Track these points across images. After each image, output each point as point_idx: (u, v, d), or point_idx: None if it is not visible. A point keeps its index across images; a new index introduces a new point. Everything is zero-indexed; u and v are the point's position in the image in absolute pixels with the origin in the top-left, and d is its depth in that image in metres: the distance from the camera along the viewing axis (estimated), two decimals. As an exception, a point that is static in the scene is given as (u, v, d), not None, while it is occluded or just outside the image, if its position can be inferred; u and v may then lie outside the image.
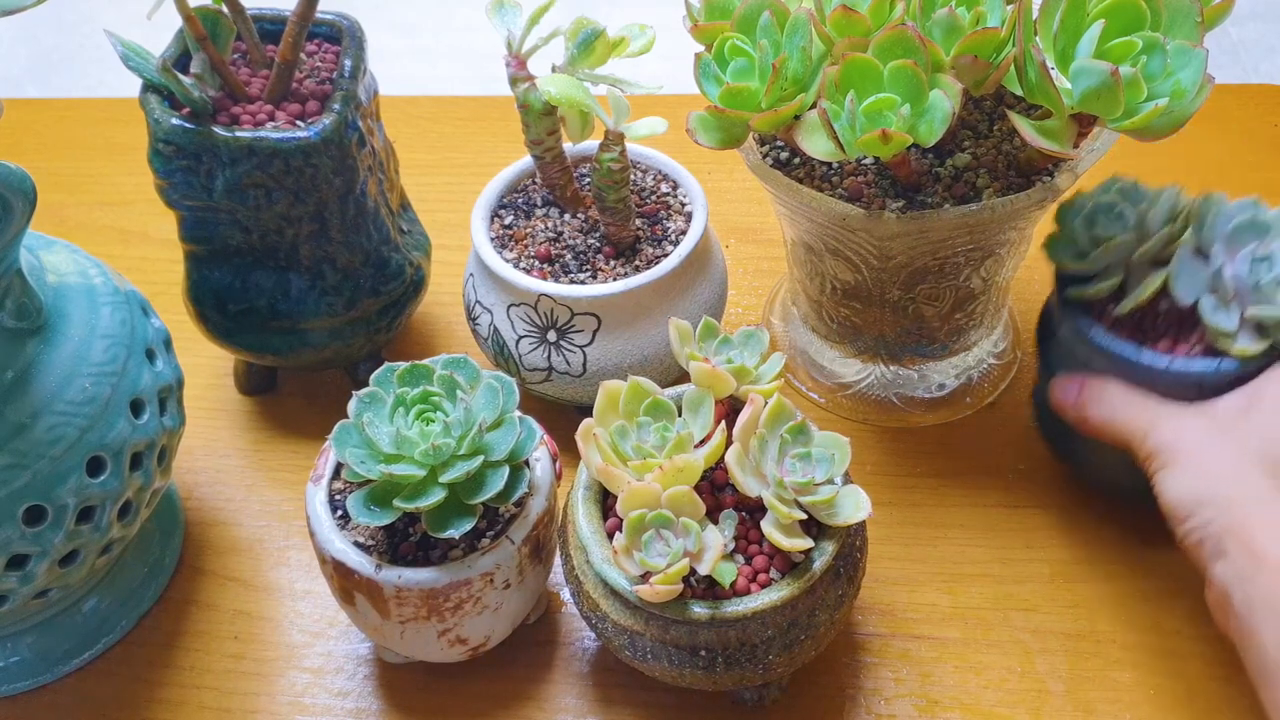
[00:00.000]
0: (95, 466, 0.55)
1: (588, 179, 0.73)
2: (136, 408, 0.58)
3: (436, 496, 0.53)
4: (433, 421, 0.54)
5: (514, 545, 0.56)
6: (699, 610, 0.52)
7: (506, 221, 0.71)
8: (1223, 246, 0.57)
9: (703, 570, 0.51)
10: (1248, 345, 0.56)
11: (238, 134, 0.62)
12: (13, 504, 0.53)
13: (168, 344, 0.63)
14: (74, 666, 0.64)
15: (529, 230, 0.70)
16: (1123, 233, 0.59)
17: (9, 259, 0.52)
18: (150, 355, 0.60)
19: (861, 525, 0.58)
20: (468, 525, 0.54)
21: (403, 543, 0.57)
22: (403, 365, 0.56)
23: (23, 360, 0.54)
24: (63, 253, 0.60)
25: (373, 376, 0.56)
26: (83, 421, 0.55)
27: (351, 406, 0.55)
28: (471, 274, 0.71)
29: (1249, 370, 0.57)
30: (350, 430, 0.55)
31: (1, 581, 0.55)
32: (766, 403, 0.54)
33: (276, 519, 0.71)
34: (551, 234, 0.70)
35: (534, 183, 0.74)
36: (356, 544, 0.56)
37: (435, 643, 0.58)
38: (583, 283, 0.67)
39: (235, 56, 0.69)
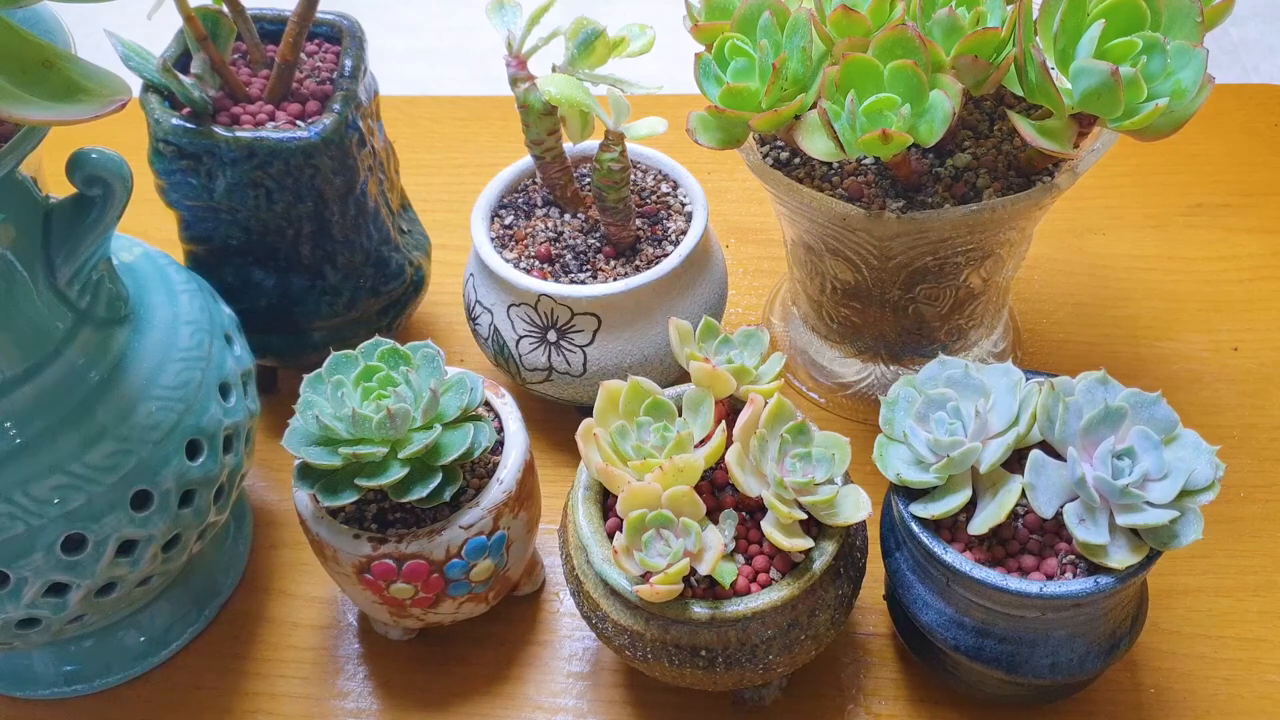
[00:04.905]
0: (193, 450, 0.56)
1: (588, 179, 0.73)
2: (224, 391, 0.58)
3: (397, 473, 0.54)
4: (385, 397, 0.55)
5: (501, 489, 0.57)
6: (699, 610, 0.52)
7: (506, 221, 0.71)
8: (1078, 447, 0.52)
9: (703, 570, 0.51)
10: (1124, 557, 0.51)
11: (238, 134, 0.62)
12: (123, 489, 0.53)
13: (240, 329, 0.63)
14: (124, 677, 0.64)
15: (529, 230, 0.70)
16: (963, 438, 0.53)
17: (104, 245, 0.53)
18: (229, 339, 0.60)
19: (862, 525, 0.58)
20: (435, 484, 0.55)
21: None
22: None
23: (116, 349, 0.54)
24: (130, 245, 0.61)
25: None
26: (180, 406, 0.55)
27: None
28: (471, 274, 0.71)
29: (1131, 579, 0.51)
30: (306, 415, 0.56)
31: (114, 568, 0.54)
32: (766, 403, 0.54)
33: (276, 520, 0.71)
34: (551, 234, 0.70)
35: (534, 183, 0.74)
36: (347, 527, 0.57)
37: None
38: (583, 283, 0.67)
39: (235, 56, 0.69)
